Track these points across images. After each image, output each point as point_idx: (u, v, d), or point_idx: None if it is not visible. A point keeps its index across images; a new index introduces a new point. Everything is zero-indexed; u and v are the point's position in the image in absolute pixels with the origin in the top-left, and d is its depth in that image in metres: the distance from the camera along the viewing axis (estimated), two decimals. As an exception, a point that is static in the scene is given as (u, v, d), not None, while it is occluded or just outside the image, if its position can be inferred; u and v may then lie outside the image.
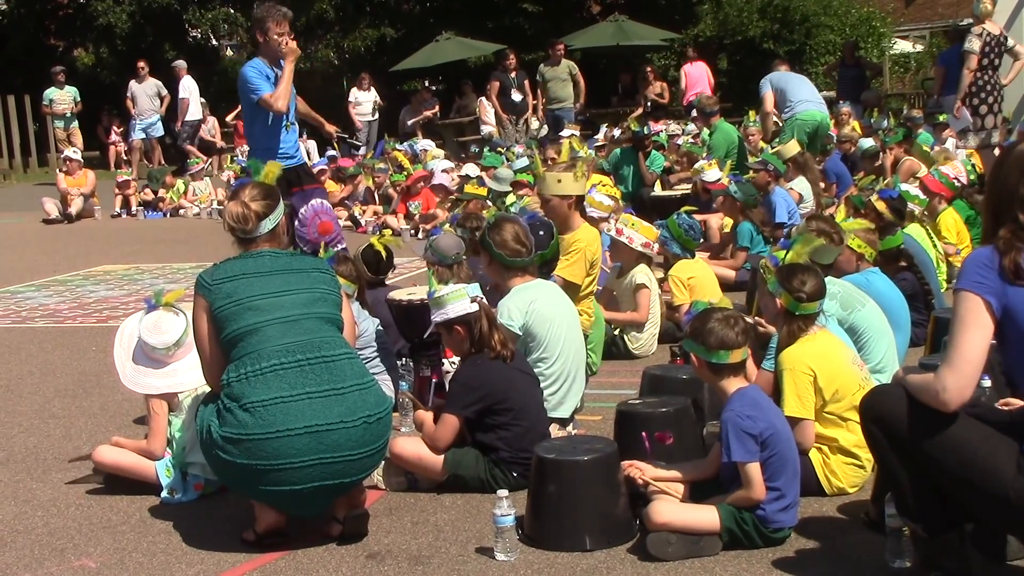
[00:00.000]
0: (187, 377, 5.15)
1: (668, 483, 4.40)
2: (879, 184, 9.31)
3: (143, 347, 5.19)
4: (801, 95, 11.78)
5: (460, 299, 4.99)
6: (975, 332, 3.44)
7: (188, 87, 21.65)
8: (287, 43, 7.88)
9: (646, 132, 12.60)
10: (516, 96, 19.20)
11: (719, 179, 10.79)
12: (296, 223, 7.77)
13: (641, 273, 7.33)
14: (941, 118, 13.94)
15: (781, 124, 12.31)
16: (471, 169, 13.80)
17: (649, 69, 21.96)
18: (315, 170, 15.60)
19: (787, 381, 4.61)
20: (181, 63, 22.29)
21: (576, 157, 8.19)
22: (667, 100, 20.70)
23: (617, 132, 15.72)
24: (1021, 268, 3.43)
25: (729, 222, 9.89)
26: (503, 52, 20.80)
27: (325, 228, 7.41)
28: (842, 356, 4.75)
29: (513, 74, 19.46)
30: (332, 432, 4.28)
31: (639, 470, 4.44)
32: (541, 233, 6.39)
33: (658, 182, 13.08)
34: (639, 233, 7.38)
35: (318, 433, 4.26)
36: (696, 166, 11.95)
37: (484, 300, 5.07)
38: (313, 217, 7.68)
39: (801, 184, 10.66)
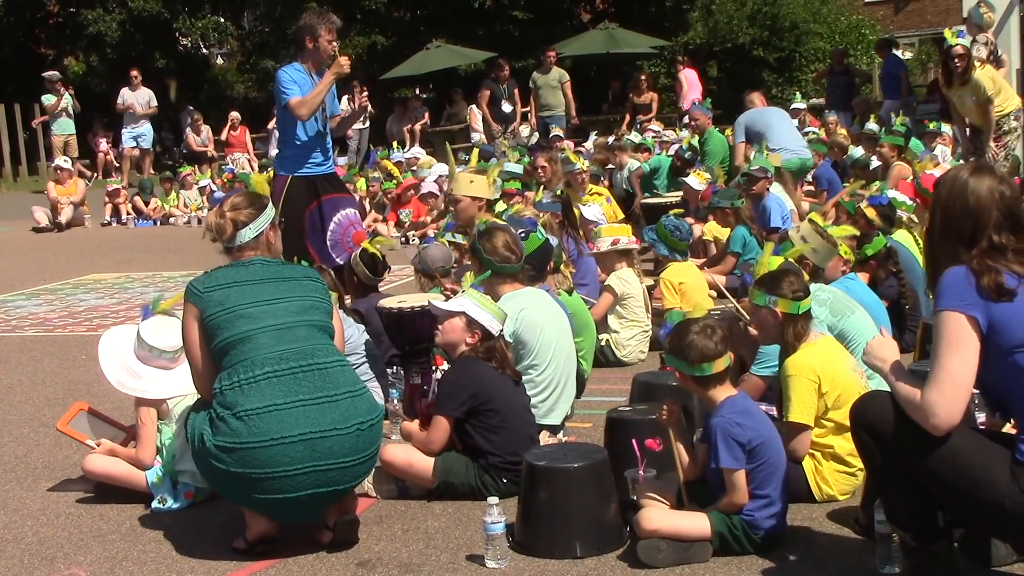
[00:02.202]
0: (190, 381, 5.13)
1: (657, 492, 4.40)
2: (869, 189, 9.31)
3: (148, 352, 5.16)
4: (781, 142, 11.32)
5: (498, 318, 5.07)
6: (963, 352, 3.43)
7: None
8: (336, 50, 7.86)
9: (689, 157, 12.31)
10: (506, 107, 19.26)
11: (703, 188, 10.83)
12: (329, 231, 7.77)
13: (613, 276, 7.43)
14: (931, 126, 13.97)
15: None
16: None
17: (643, 77, 21.97)
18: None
19: (793, 388, 4.60)
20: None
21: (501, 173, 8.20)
22: (655, 112, 20.69)
23: (611, 139, 15.71)
24: (1003, 287, 3.43)
25: (713, 227, 9.91)
26: (496, 61, 20.82)
27: (359, 238, 7.42)
28: (845, 363, 4.75)
29: (504, 84, 19.49)
30: (326, 439, 4.28)
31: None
32: (521, 233, 6.40)
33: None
34: (603, 236, 7.49)
35: (312, 441, 4.26)
36: (699, 171, 12.00)
37: (506, 339, 5.19)
38: (348, 227, 7.69)
39: (775, 189, 10.67)
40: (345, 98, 20.76)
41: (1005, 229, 3.51)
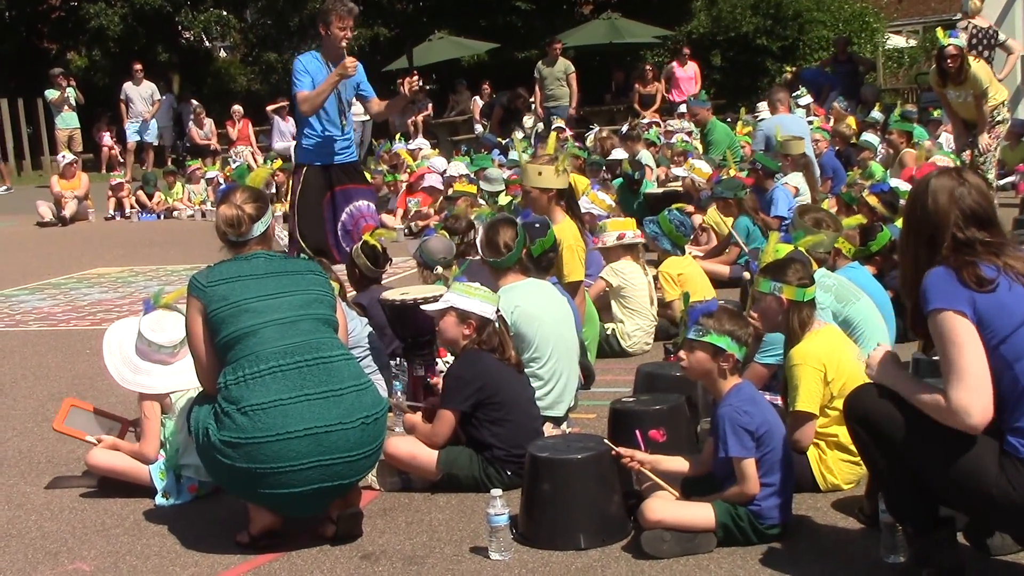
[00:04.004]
0: (192, 376, 5.12)
1: (663, 480, 4.39)
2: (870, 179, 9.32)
3: (147, 347, 5.17)
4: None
5: (489, 303, 5.05)
6: (971, 347, 3.43)
7: None
8: (350, 38, 7.72)
9: (636, 176, 12.27)
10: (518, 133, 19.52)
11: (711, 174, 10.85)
12: (340, 222, 7.69)
13: (608, 268, 7.45)
14: (935, 114, 13.96)
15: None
16: (458, 167, 13.82)
17: (648, 67, 21.94)
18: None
19: (799, 377, 4.59)
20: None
21: (561, 152, 8.09)
22: (659, 103, 20.69)
23: (624, 128, 15.66)
24: (983, 277, 3.47)
25: (714, 216, 9.90)
26: (517, 91, 20.81)
27: (367, 231, 7.36)
28: (849, 351, 4.75)
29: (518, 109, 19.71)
30: (331, 434, 4.27)
31: (637, 461, 4.40)
32: (537, 226, 6.38)
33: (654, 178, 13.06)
34: (609, 231, 7.47)
35: (317, 435, 4.25)
36: (691, 161, 12.00)
37: (505, 320, 5.17)
38: (359, 218, 7.60)
39: (797, 179, 10.67)
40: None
41: (971, 226, 3.55)
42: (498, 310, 5.07)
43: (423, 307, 5.31)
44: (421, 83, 7.57)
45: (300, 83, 7.58)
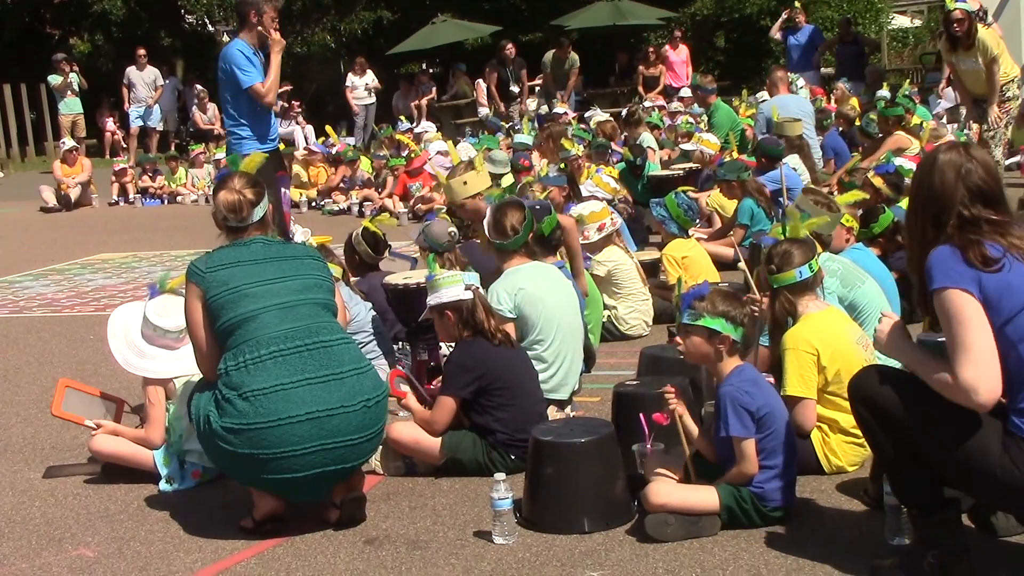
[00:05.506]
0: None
1: (665, 466, 4.38)
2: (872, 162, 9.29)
3: (153, 331, 5.16)
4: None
5: (455, 284, 5.00)
6: (978, 324, 3.41)
7: None
8: (277, 28, 7.78)
9: (638, 162, 12.20)
10: (515, 88, 19.52)
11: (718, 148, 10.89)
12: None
13: (592, 262, 7.37)
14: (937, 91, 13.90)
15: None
16: (468, 150, 13.78)
17: (651, 49, 21.89)
18: (312, 155, 15.67)
19: (789, 360, 4.58)
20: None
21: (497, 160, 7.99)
22: (662, 85, 20.64)
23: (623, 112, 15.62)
24: (988, 256, 3.44)
25: (717, 198, 9.87)
26: (499, 43, 20.87)
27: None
28: (846, 335, 4.72)
29: (510, 67, 19.67)
30: (333, 417, 4.28)
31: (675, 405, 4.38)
32: (538, 208, 6.37)
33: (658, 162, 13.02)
34: (588, 223, 7.43)
35: (319, 419, 4.26)
36: (698, 134, 12.00)
37: (480, 289, 5.08)
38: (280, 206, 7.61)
39: (793, 160, 10.64)
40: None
41: (977, 203, 3.52)
42: (468, 285, 5.02)
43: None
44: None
45: (249, 75, 7.58)
